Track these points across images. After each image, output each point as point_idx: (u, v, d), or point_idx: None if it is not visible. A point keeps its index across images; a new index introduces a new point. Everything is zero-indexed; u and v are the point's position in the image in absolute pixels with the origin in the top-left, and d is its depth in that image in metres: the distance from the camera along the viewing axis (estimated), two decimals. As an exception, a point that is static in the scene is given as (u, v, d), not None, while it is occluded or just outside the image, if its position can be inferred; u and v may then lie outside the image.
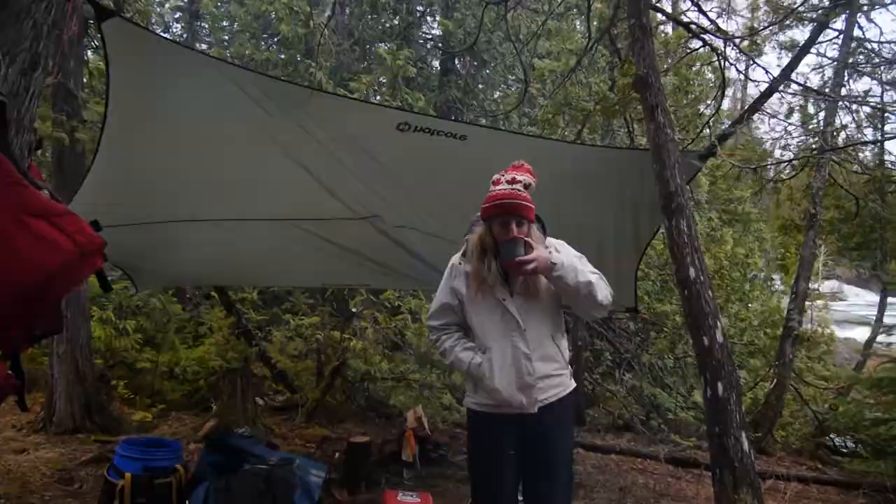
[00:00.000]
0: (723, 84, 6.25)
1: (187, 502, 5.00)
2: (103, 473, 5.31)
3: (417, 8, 14.03)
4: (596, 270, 3.36)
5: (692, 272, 4.21)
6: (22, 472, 6.15)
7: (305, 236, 5.50)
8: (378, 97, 11.25)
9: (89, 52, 8.85)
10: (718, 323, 4.19)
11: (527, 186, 3.36)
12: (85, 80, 8.13)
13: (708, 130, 7.54)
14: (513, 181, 3.36)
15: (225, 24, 15.93)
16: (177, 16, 16.40)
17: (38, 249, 2.19)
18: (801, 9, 6.99)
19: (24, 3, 2.43)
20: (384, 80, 11.87)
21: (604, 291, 3.30)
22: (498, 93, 15.47)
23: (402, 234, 5.51)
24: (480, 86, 13.55)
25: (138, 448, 5.07)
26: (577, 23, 11.88)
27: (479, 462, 3.56)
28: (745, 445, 4.06)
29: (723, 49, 6.10)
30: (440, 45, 14.11)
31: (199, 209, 5.08)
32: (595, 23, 6.59)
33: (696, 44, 7.55)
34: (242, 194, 5.01)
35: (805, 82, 8.42)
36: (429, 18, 15.03)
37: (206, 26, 16.30)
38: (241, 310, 9.15)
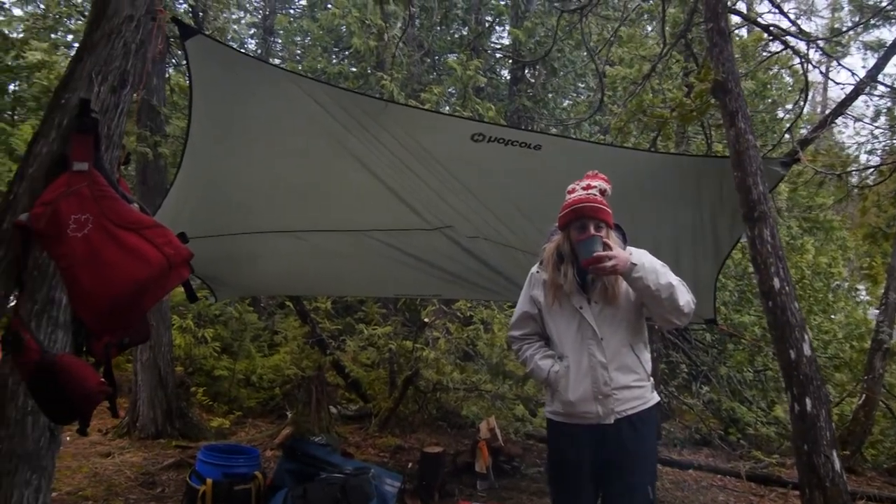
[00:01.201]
0: (806, 87, 6.05)
1: (265, 509, 5.09)
2: (185, 478, 5.46)
3: (486, 18, 14.06)
4: (677, 277, 3.28)
5: (776, 283, 4.08)
6: (108, 475, 6.37)
7: (378, 246, 5.54)
8: (447, 108, 11.30)
9: (170, 69, 9.14)
10: (805, 335, 4.03)
11: (602, 192, 3.33)
12: (167, 95, 8.41)
13: (788, 136, 7.31)
14: (588, 187, 3.34)
15: (297, 38, 16.28)
16: (251, 32, 16.83)
17: (129, 261, 2.27)
18: (888, 7, 6.72)
19: (116, 24, 2.52)
20: (453, 91, 11.93)
21: (685, 297, 3.21)
22: (567, 101, 15.35)
23: (474, 244, 5.50)
24: (550, 94, 13.47)
25: (219, 455, 5.19)
26: (649, 28, 11.73)
27: (556, 473, 3.52)
28: (837, 465, 3.87)
29: (805, 51, 5.91)
30: (510, 54, 14.10)
31: (276, 220, 5.18)
32: (669, 28, 6.48)
33: (775, 46, 7.34)
34: (317, 205, 5.08)
35: (893, 84, 8.09)
36: (498, 28, 15.05)
37: (280, 41, 16.70)
38: (315, 319, 9.28)
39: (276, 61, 15.50)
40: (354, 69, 12.29)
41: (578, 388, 3.26)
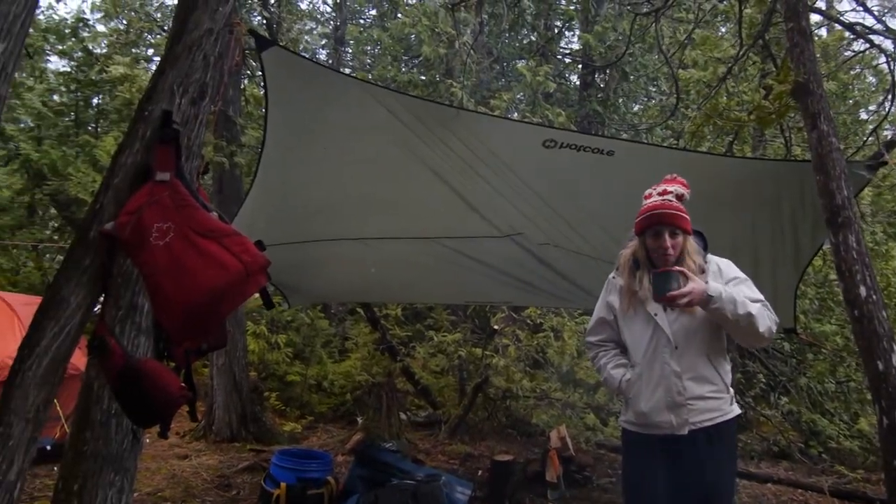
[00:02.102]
0: (893, 87, 5.80)
1: (337, 514, 5.14)
2: (259, 482, 5.55)
3: (555, 23, 13.96)
4: (760, 296, 3.16)
5: (863, 291, 3.90)
6: (185, 477, 6.53)
7: (448, 254, 5.54)
8: (516, 114, 11.26)
9: (245, 81, 9.37)
10: (894, 346, 3.85)
11: (680, 197, 3.25)
12: (242, 106, 8.62)
13: (873, 138, 7.02)
14: (664, 193, 3.27)
15: (367, 48, 16.48)
16: (323, 42, 17.11)
17: (209, 268, 2.31)
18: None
19: (196, 37, 2.58)
20: (522, 97, 11.89)
21: (766, 323, 3.09)
22: (637, 106, 15.12)
23: (545, 251, 5.45)
24: (621, 99, 13.29)
25: (292, 459, 5.27)
26: (723, 29, 11.46)
27: (629, 484, 3.46)
28: (928, 481, 3.69)
29: (892, 49, 5.66)
30: (579, 59, 13.97)
31: (347, 228, 5.23)
32: (745, 29, 6.29)
33: (858, 45, 7.07)
34: (388, 213, 5.11)
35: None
36: (567, 33, 14.94)
37: (350, 51, 16.94)
38: (385, 326, 9.35)
39: (347, 71, 15.72)
40: (423, 77, 12.37)
41: (651, 398, 3.20)
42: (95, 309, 2.57)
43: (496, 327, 8.90)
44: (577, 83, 14.31)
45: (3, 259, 10.97)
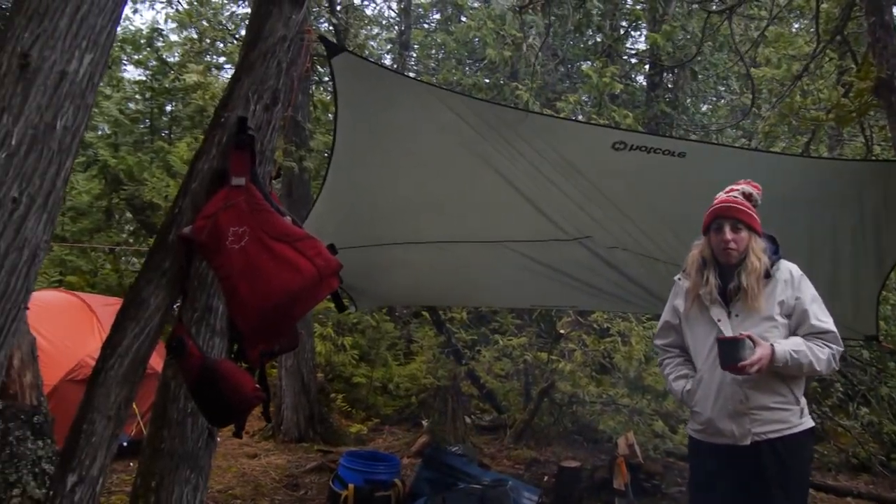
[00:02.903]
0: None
1: (404, 516, 5.17)
2: (328, 482, 5.62)
3: (622, 24, 13.78)
4: (828, 324, 3.12)
5: (950, 296, 3.74)
6: (254, 476, 6.65)
7: (515, 257, 5.52)
8: (581, 116, 11.15)
9: (313, 86, 9.51)
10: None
11: (747, 196, 3.22)
12: (310, 111, 8.75)
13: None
14: (730, 191, 3.26)
15: (432, 52, 16.56)
16: (388, 47, 17.27)
17: (283, 272, 2.35)
18: None
19: (270, 44, 2.63)
20: (587, 98, 11.76)
21: (829, 366, 3.08)
22: (706, 106, 14.81)
23: (613, 255, 5.37)
24: (689, 99, 13.03)
25: (361, 461, 5.32)
26: (796, 25, 11.13)
27: (696, 493, 3.41)
28: None
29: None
30: (645, 59, 13.76)
31: (414, 231, 5.26)
32: (822, 24, 6.10)
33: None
34: (454, 216, 5.12)
35: None
36: (633, 33, 14.73)
37: (414, 55, 17.04)
38: (450, 329, 9.36)
39: (412, 75, 15.83)
40: (487, 80, 12.36)
41: (714, 405, 3.14)
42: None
43: (562, 331, 8.82)
44: (644, 84, 14.09)
45: (83, 261, 11.36)
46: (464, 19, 13.95)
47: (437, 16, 17.67)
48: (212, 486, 6.09)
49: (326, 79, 10.19)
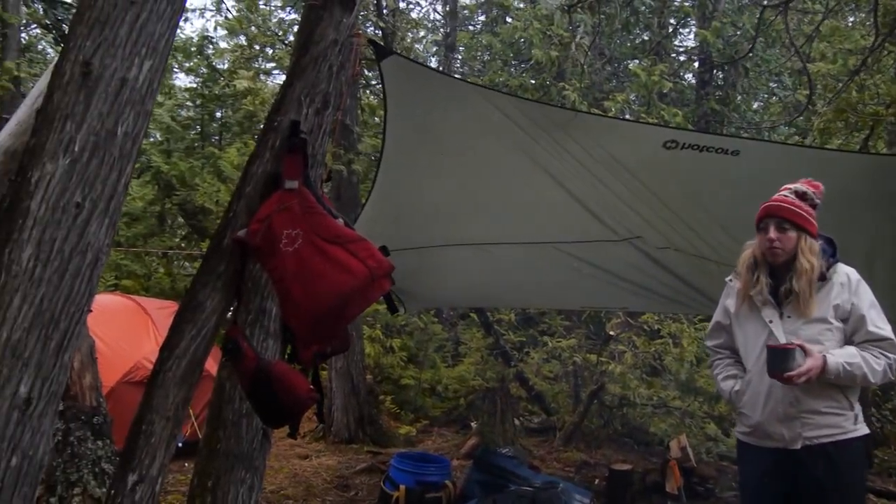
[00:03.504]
0: None
1: (455, 518, 5.17)
2: (377, 483, 5.66)
3: (670, 21, 13.60)
4: (886, 330, 3.01)
5: None
6: (306, 477, 6.72)
7: (563, 258, 5.48)
8: (628, 115, 11.03)
9: (360, 90, 9.58)
10: None
11: (801, 195, 3.13)
12: (358, 115, 8.82)
13: None
14: (783, 189, 3.18)
15: (477, 53, 16.55)
16: (434, 49, 17.32)
17: (336, 273, 2.37)
18: None
19: (322, 48, 2.65)
20: (635, 98, 11.63)
21: (885, 376, 3.00)
22: (757, 103, 14.52)
23: (664, 255, 5.30)
24: (740, 97, 12.80)
25: (411, 462, 5.34)
26: (851, 19, 10.85)
27: (746, 498, 3.35)
28: None
29: None
30: (694, 56, 13.56)
31: (462, 233, 5.26)
32: (880, 17, 5.92)
33: None
34: (502, 217, 5.10)
35: None
36: (682, 31, 14.53)
37: (460, 57, 17.06)
38: (498, 331, 9.34)
39: (458, 76, 15.85)
40: (534, 81, 12.30)
41: (764, 408, 3.07)
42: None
43: (612, 333, 8.73)
44: (694, 81, 13.88)
45: (137, 265, 11.62)
46: (509, 20, 13.89)
47: (483, 17, 17.66)
48: (264, 486, 6.15)
49: (374, 82, 10.28)
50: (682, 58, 14.23)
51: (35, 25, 12.68)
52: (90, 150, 2.00)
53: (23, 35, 11.72)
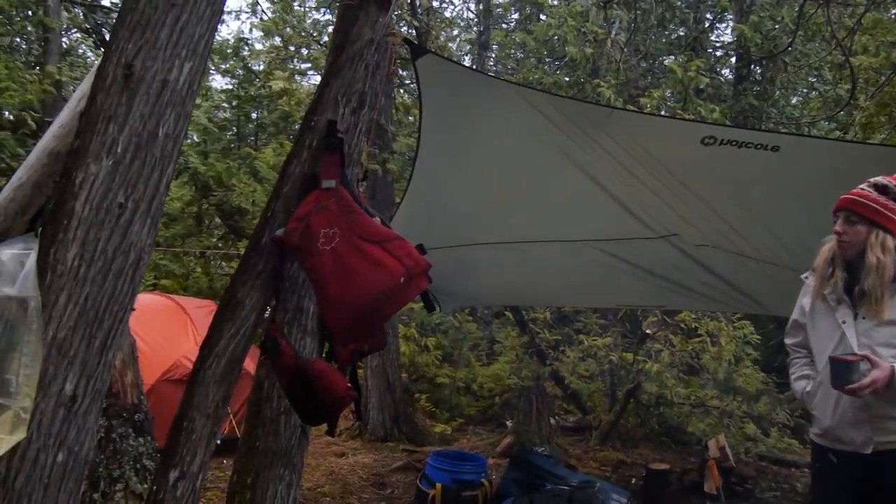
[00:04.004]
0: None
1: (491, 516, 5.16)
2: (412, 481, 5.68)
3: (706, 16, 13.43)
4: None
5: None
6: (342, 474, 6.76)
7: (599, 256, 5.43)
8: (664, 111, 10.91)
9: (395, 89, 9.61)
10: None
11: (881, 188, 2.97)
12: (392, 114, 8.85)
13: None
14: (864, 181, 3.03)
15: (511, 51, 16.50)
16: (467, 48, 17.31)
17: (373, 272, 2.38)
18: None
19: (358, 48, 2.67)
20: (670, 94, 11.49)
21: None
22: (796, 98, 14.27)
23: (702, 252, 5.22)
24: (779, 92, 12.58)
25: (448, 460, 5.35)
26: (894, 11, 10.60)
27: (818, 501, 3.27)
28: None
29: None
30: (731, 51, 13.37)
31: (497, 231, 5.24)
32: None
33: None
34: (538, 215, 5.08)
35: None
36: (718, 25, 14.34)
37: (493, 55, 17.02)
38: (533, 329, 9.30)
39: (492, 75, 15.81)
40: (568, 78, 12.23)
41: (834, 412, 2.98)
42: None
43: (648, 331, 8.64)
44: (731, 77, 13.69)
45: (175, 265, 11.79)
46: (543, 18, 13.83)
47: (516, 15, 17.61)
48: (302, 483, 6.19)
49: (408, 81, 10.31)
50: (718, 53, 14.02)
51: (75, 29, 12.95)
52: (132, 151, 2.03)
53: (63, 39, 11.95)
